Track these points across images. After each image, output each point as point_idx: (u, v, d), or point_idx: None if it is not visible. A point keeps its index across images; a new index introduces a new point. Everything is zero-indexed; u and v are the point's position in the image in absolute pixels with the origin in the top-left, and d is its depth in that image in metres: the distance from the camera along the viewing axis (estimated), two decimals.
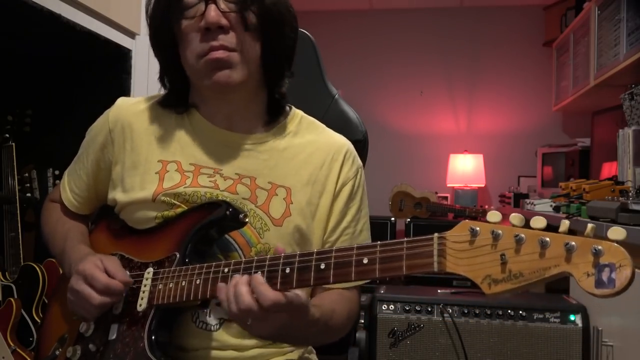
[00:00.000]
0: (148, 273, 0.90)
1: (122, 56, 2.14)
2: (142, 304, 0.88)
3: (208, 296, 0.84)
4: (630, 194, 2.02)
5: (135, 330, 0.87)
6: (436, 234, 0.69)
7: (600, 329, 1.67)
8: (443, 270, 0.68)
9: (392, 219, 3.72)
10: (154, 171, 0.97)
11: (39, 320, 1.86)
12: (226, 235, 0.94)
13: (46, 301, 1.86)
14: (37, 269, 1.89)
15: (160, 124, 1.01)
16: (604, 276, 0.57)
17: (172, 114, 1.02)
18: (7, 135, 2.02)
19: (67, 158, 1.14)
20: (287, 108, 1.06)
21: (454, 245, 0.67)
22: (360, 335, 1.40)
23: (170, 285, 0.86)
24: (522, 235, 0.62)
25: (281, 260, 0.79)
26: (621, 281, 0.56)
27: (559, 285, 2.53)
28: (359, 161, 1.07)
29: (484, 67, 4.39)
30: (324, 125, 1.10)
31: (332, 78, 1.46)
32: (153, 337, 0.85)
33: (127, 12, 2.10)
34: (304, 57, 1.41)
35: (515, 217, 0.64)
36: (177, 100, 1.02)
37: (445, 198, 4.21)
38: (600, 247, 0.58)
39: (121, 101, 1.07)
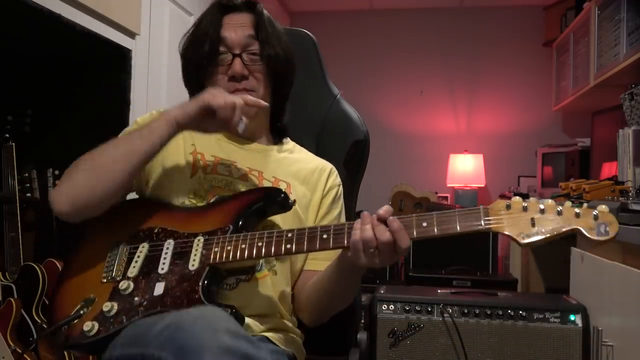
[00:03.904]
0: (198, 240, 1.03)
1: (122, 56, 2.14)
2: (194, 264, 0.99)
3: (272, 254, 0.99)
4: (630, 194, 2.02)
5: (188, 285, 0.97)
6: (481, 205, 0.92)
7: (600, 329, 1.67)
8: (489, 230, 0.90)
9: None
10: (185, 160, 1.17)
11: (39, 320, 1.86)
12: None
13: (46, 301, 1.86)
14: (37, 269, 1.89)
15: None
16: (602, 229, 0.87)
17: None
18: (7, 135, 2.02)
19: (67, 158, 1.12)
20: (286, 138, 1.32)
21: (495, 212, 0.91)
22: (362, 336, 1.40)
23: (229, 248, 1.00)
24: (543, 207, 0.89)
25: (318, 229, 0.99)
26: (612, 233, 0.86)
27: (559, 285, 2.53)
28: (339, 179, 1.29)
29: (484, 67, 4.39)
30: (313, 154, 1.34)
31: (332, 78, 1.46)
32: (208, 289, 0.96)
33: (127, 12, 2.10)
34: (305, 57, 1.41)
35: (534, 200, 0.91)
36: None
37: (445, 198, 4.21)
38: (597, 212, 0.87)
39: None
